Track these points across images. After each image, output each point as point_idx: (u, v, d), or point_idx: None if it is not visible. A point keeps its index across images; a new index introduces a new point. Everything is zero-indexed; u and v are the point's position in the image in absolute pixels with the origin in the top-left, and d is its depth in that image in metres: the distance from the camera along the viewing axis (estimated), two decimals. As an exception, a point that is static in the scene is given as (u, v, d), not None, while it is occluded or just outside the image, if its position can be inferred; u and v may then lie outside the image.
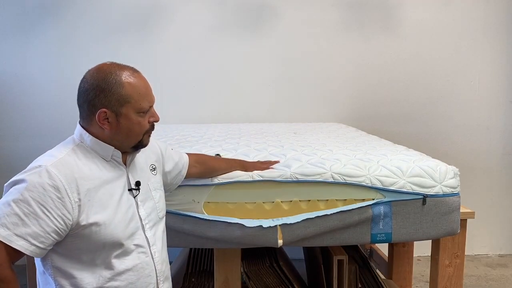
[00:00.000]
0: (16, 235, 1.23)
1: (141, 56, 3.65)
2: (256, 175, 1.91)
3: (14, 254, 1.25)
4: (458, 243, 2.18)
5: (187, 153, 1.88)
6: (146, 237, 1.47)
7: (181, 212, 1.88)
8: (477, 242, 4.01)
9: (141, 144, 1.47)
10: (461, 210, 2.03)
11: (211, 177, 1.90)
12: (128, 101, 1.38)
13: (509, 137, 4.01)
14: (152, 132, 1.50)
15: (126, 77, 1.39)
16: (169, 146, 1.80)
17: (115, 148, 1.43)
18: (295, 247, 2.73)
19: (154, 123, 1.48)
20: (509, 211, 4.08)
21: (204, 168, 1.88)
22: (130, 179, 1.48)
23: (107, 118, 1.38)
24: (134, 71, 1.43)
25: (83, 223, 1.31)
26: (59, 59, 3.69)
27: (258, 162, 2.04)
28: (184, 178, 1.82)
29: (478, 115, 3.97)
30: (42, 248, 1.27)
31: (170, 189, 1.80)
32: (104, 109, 1.37)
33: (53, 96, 3.70)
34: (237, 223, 1.85)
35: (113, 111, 1.38)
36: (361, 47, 3.85)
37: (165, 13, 3.73)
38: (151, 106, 1.45)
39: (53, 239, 1.28)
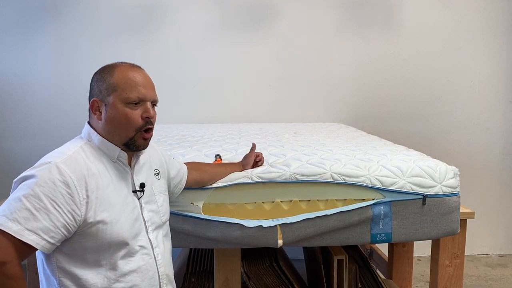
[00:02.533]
0: (28, 229, 1.22)
1: (141, 56, 3.65)
2: (255, 176, 1.91)
3: (23, 250, 1.24)
4: (458, 243, 2.19)
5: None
6: (149, 239, 1.47)
7: (181, 212, 1.88)
8: (477, 242, 4.01)
9: (133, 143, 1.41)
10: (461, 210, 2.03)
11: (210, 183, 1.88)
12: (114, 89, 1.38)
13: (509, 137, 4.01)
14: (150, 136, 1.45)
15: (120, 68, 1.41)
16: (170, 156, 1.80)
17: (110, 143, 1.41)
18: (295, 247, 2.73)
19: (151, 125, 1.43)
20: (509, 211, 4.08)
21: (201, 174, 1.86)
22: (134, 181, 1.48)
23: (99, 108, 1.40)
24: (133, 66, 1.44)
25: (90, 220, 1.31)
26: (59, 59, 3.69)
27: (247, 159, 2.00)
28: (184, 187, 1.80)
29: (478, 115, 3.97)
30: (52, 243, 1.27)
31: (171, 197, 1.77)
32: (95, 99, 1.40)
33: (53, 95, 3.70)
34: (237, 223, 1.86)
35: (102, 100, 1.39)
36: (361, 47, 3.85)
37: (164, 13, 3.73)
38: (142, 100, 1.40)
39: (62, 235, 1.28)
